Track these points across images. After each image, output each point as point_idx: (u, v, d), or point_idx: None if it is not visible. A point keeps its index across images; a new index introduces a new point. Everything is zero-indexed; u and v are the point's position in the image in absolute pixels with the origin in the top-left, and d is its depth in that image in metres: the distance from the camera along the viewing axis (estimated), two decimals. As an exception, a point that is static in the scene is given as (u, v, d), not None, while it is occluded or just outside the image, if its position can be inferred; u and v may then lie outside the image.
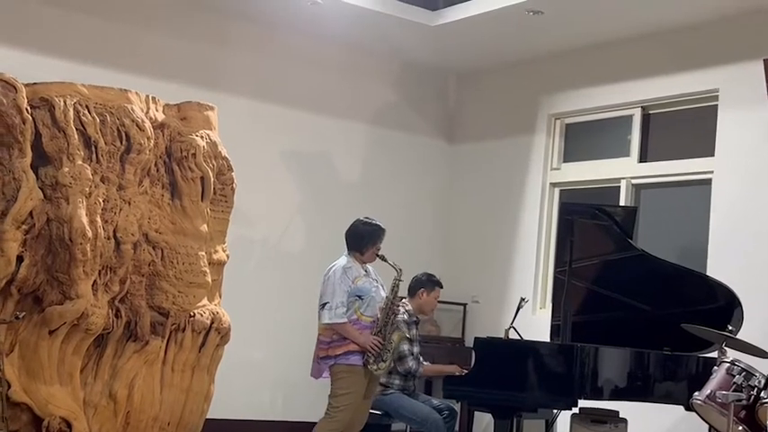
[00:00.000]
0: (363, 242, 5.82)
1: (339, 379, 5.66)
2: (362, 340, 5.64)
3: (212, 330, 6.20)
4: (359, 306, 5.68)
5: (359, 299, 5.69)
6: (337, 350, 5.66)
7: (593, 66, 8.05)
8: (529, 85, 8.58)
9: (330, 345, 5.68)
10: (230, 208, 6.49)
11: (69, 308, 5.66)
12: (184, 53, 7.77)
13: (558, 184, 8.42)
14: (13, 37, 7.07)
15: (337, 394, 5.66)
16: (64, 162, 5.75)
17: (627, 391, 5.74)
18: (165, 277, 6.08)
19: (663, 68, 7.53)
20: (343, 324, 5.62)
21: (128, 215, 5.94)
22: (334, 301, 5.65)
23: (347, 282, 5.69)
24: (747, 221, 6.83)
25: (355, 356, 5.64)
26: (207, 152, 6.27)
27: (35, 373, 5.68)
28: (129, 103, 6.04)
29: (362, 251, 5.82)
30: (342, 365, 5.64)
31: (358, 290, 5.69)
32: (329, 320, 5.62)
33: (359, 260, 5.83)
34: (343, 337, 5.66)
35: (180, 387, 6.12)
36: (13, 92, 5.64)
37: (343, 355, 5.65)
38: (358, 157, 8.73)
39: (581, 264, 6.12)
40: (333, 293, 5.67)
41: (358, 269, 5.78)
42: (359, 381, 5.65)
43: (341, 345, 5.66)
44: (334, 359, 5.66)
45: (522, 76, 8.66)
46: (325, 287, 5.74)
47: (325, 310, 5.66)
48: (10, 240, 5.56)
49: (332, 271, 5.78)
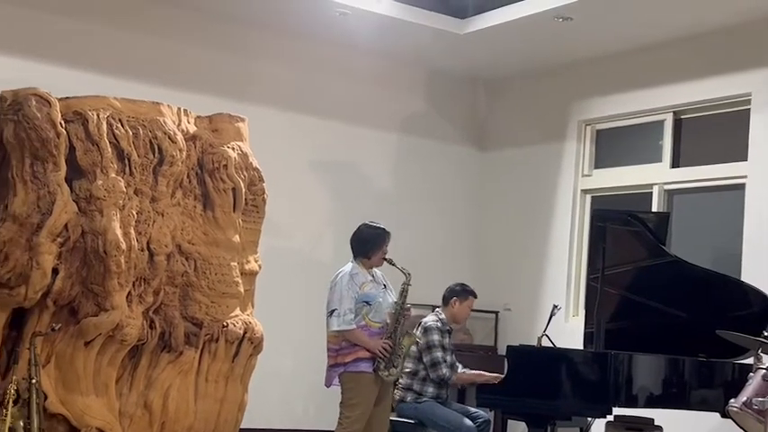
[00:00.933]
0: (369, 247, 5.81)
1: (349, 388, 5.63)
2: (372, 345, 5.62)
3: (245, 340, 6.24)
4: (367, 312, 5.66)
5: (366, 305, 5.67)
6: (346, 357, 5.64)
7: (624, 71, 8.02)
8: (559, 91, 8.57)
9: (339, 352, 5.66)
10: (262, 218, 6.53)
11: (104, 319, 5.71)
12: (215, 65, 7.84)
13: (589, 191, 8.40)
14: (46, 52, 7.17)
15: (348, 403, 5.63)
16: (98, 175, 5.81)
17: (662, 399, 5.71)
18: (198, 288, 6.12)
19: (694, 73, 7.50)
20: (352, 330, 5.60)
21: (161, 227, 5.99)
22: (342, 307, 5.63)
23: (354, 288, 5.67)
24: (782, 226, 6.78)
25: (365, 363, 5.61)
26: (238, 163, 6.32)
27: (71, 384, 5.73)
28: (161, 115, 6.10)
29: (369, 256, 5.81)
30: (351, 373, 5.61)
31: (365, 296, 5.68)
32: (338, 327, 5.61)
33: (366, 265, 5.81)
34: (351, 344, 5.64)
35: (214, 397, 6.16)
36: (48, 106, 5.71)
37: (353, 362, 5.62)
38: (388, 165, 8.75)
39: (614, 270, 6.09)
40: (340, 300, 5.65)
41: (365, 275, 5.77)
42: (369, 389, 5.61)
43: (350, 352, 5.63)
44: (343, 367, 5.63)
45: (551, 82, 8.65)
46: (333, 294, 5.72)
47: (334, 317, 5.63)
48: (45, 253, 5.62)
49: (338, 277, 5.76)
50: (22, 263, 5.60)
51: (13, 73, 6.62)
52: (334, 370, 5.66)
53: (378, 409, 5.70)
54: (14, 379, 5.39)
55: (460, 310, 6.56)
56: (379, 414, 5.72)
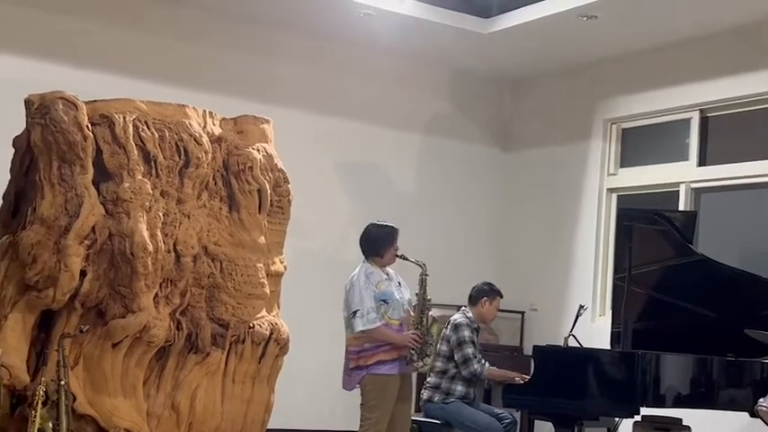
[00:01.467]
0: (380, 245, 5.80)
1: (370, 390, 5.62)
2: (400, 339, 5.61)
3: (271, 341, 6.25)
4: (385, 310, 5.65)
5: (384, 303, 5.66)
6: (369, 360, 5.62)
7: (649, 69, 7.99)
8: (584, 90, 8.54)
9: (360, 354, 5.63)
10: (287, 220, 6.54)
11: (132, 321, 5.74)
12: (240, 67, 7.88)
13: (615, 190, 8.37)
14: (73, 55, 7.23)
15: (369, 405, 5.63)
16: (124, 177, 5.84)
17: (690, 399, 5.69)
18: (225, 289, 6.14)
19: (721, 70, 7.46)
20: (378, 328, 5.59)
21: (187, 228, 6.02)
22: (364, 307, 5.62)
23: (371, 287, 5.67)
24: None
25: (387, 366, 5.61)
26: (263, 165, 6.34)
27: (99, 385, 5.77)
28: (186, 118, 6.13)
29: (382, 254, 5.80)
30: (373, 376, 5.60)
31: (383, 294, 5.68)
32: (363, 327, 5.58)
33: (379, 264, 5.80)
34: (373, 346, 5.60)
35: (241, 398, 6.18)
36: (74, 110, 5.75)
37: (375, 365, 5.61)
38: (412, 166, 8.76)
39: (641, 270, 6.07)
40: (361, 300, 5.63)
41: (379, 274, 5.76)
42: (390, 391, 5.61)
43: (372, 354, 5.62)
44: (365, 369, 5.61)
45: (576, 81, 8.62)
46: (352, 295, 5.69)
47: (357, 317, 5.61)
48: (73, 255, 5.66)
49: (355, 278, 5.75)
50: (50, 265, 5.64)
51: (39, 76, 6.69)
52: (357, 373, 5.65)
53: (399, 406, 5.70)
54: (43, 380, 5.43)
55: (489, 310, 6.56)
56: (401, 411, 5.73)
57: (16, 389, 5.54)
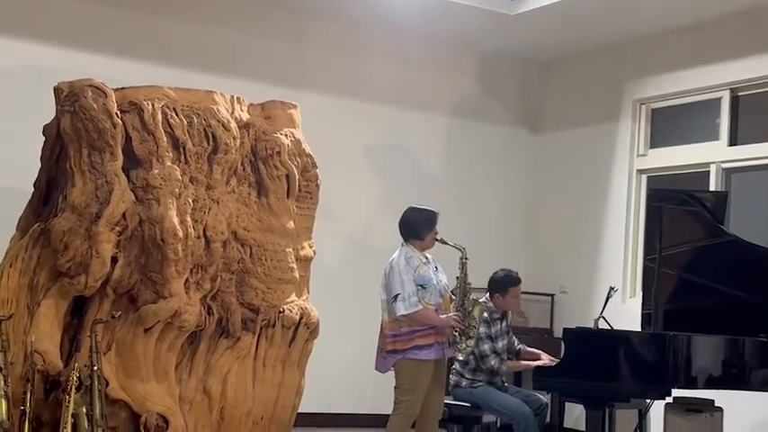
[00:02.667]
0: (420, 229, 5.79)
1: (405, 374, 5.62)
2: (443, 321, 5.60)
3: (301, 325, 6.28)
4: (422, 295, 5.65)
5: (422, 288, 5.65)
6: (405, 345, 5.61)
7: (679, 49, 7.92)
8: (612, 70, 8.48)
9: (396, 339, 5.62)
10: (315, 204, 6.56)
11: (163, 306, 5.78)
12: (267, 53, 7.89)
13: (645, 171, 8.32)
14: (101, 43, 7.27)
15: (403, 388, 5.63)
16: (154, 164, 5.87)
17: (722, 380, 5.65)
18: (255, 274, 6.17)
19: (751, 49, 7.38)
20: (420, 311, 5.59)
21: (216, 214, 6.05)
22: (405, 291, 5.61)
23: (411, 271, 5.66)
24: None
25: (424, 351, 5.60)
26: (291, 150, 6.35)
27: (132, 370, 5.81)
28: (214, 104, 6.15)
29: (422, 238, 5.79)
30: (409, 360, 5.61)
31: (421, 278, 5.67)
32: (406, 311, 5.57)
33: (418, 247, 5.79)
34: (410, 331, 5.59)
35: (272, 382, 6.21)
36: (103, 97, 5.78)
37: (411, 349, 5.61)
38: (441, 149, 8.74)
39: (671, 251, 6.04)
40: (402, 284, 5.62)
41: (418, 257, 5.75)
42: (425, 375, 5.61)
43: (409, 339, 5.61)
44: (402, 353, 5.61)
45: (605, 61, 8.56)
46: (392, 279, 5.68)
47: (399, 301, 5.60)
48: (104, 242, 5.70)
49: (394, 262, 5.74)
50: (82, 252, 5.68)
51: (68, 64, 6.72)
52: (393, 356, 5.66)
53: (433, 390, 5.71)
54: (77, 366, 5.48)
55: (506, 301, 6.50)
56: (434, 396, 5.73)
57: (50, 374, 5.60)
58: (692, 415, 6.13)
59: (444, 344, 5.66)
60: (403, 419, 5.61)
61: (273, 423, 6.24)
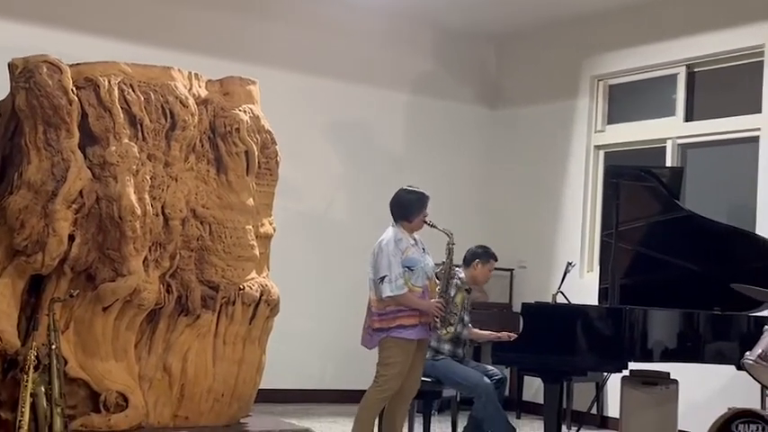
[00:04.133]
0: (410, 211, 5.81)
1: (388, 349, 5.68)
2: (426, 306, 5.64)
3: (262, 303, 6.28)
4: (409, 277, 5.67)
5: (409, 270, 5.68)
6: (390, 323, 5.65)
7: (636, 25, 7.97)
8: (570, 47, 8.52)
9: (382, 317, 5.66)
10: (275, 181, 6.54)
11: (122, 284, 5.75)
12: (225, 28, 7.83)
13: (602, 147, 8.38)
14: (57, 18, 7.17)
15: (385, 362, 5.68)
16: (111, 141, 5.82)
17: (677, 353, 5.73)
18: (214, 252, 6.15)
19: (707, 25, 7.45)
20: (405, 294, 5.62)
21: (175, 191, 6.01)
22: (393, 273, 5.62)
23: (399, 253, 5.69)
24: (797, 178, 6.77)
25: (408, 330, 5.64)
26: (250, 126, 6.32)
27: (91, 349, 5.79)
28: (172, 80, 6.10)
29: (411, 219, 5.81)
30: (394, 338, 5.65)
31: (408, 260, 5.69)
32: (392, 293, 5.59)
33: (407, 229, 5.81)
34: (396, 310, 5.64)
35: (232, 359, 6.21)
36: (59, 73, 5.71)
37: (396, 328, 5.65)
38: (399, 126, 8.75)
39: (628, 226, 6.10)
40: (389, 266, 5.63)
41: (407, 239, 5.78)
42: (408, 353, 5.67)
43: (394, 317, 5.64)
44: (386, 332, 5.66)
45: (562, 38, 8.60)
46: (380, 260, 5.69)
47: (386, 283, 5.62)
48: (61, 220, 5.65)
49: (384, 243, 5.75)
50: (39, 230, 5.63)
51: (22, 40, 6.63)
52: (378, 334, 5.68)
53: (413, 367, 5.75)
54: (34, 345, 5.45)
55: (482, 272, 6.57)
56: (412, 373, 5.77)
57: (7, 354, 5.55)
58: (647, 387, 6.21)
59: (427, 325, 5.70)
60: (381, 394, 5.66)
61: (234, 399, 6.25)
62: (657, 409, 6.18)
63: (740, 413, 4.50)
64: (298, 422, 6.63)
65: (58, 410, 5.31)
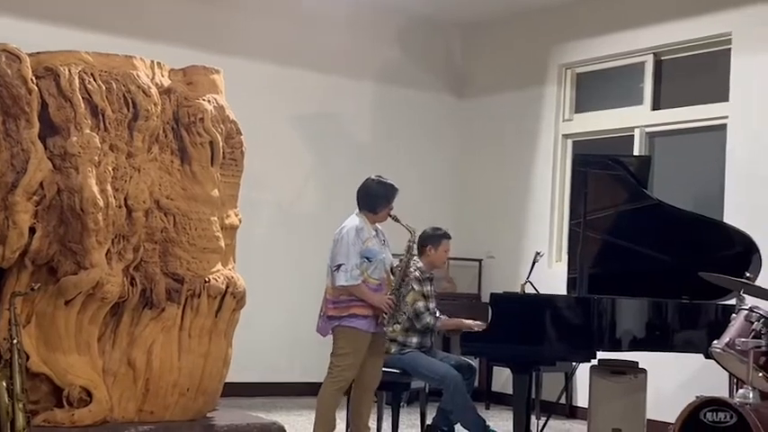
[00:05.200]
0: (377, 202, 5.79)
1: (340, 339, 5.67)
2: (377, 300, 5.64)
3: (228, 295, 6.24)
4: (366, 268, 5.65)
5: (367, 261, 5.66)
6: (343, 312, 5.64)
7: (604, 13, 8.00)
8: (538, 35, 8.54)
9: (335, 305, 5.66)
10: (240, 172, 6.50)
11: (84, 277, 5.70)
12: (188, 16, 7.77)
13: (570, 136, 8.41)
14: (16, 6, 7.07)
15: (338, 353, 5.67)
16: (72, 131, 5.76)
17: (646, 342, 5.77)
18: (179, 244, 6.11)
19: (674, 13, 7.48)
20: (359, 285, 5.62)
21: (138, 183, 5.96)
22: (350, 263, 5.62)
23: (359, 243, 5.67)
24: (763, 165, 6.81)
25: (359, 320, 5.63)
26: (214, 116, 6.27)
27: (53, 343, 5.74)
28: (134, 69, 6.04)
29: (376, 211, 5.79)
30: (345, 328, 5.64)
31: (368, 252, 5.67)
32: (345, 283, 5.60)
33: (371, 220, 5.79)
34: (349, 299, 5.62)
35: (198, 352, 6.17)
36: (18, 62, 5.65)
37: (347, 317, 5.64)
38: (367, 115, 8.73)
39: (596, 215, 6.13)
40: (347, 255, 5.63)
41: (369, 230, 5.75)
42: (360, 342, 5.64)
43: (347, 306, 5.64)
44: (339, 320, 5.65)
45: (530, 26, 8.61)
46: (339, 248, 5.69)
47: (341, 272, 5.62)
48: (21, 212, 5.59)
49: (345, 231, 5.74)
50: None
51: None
52: (331, 322, 5.69)
53: (372, 359, 5.74)
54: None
55: (437, 256, 6.52)
56: (372, 363, 5.77)
57: (-33, 349, 5.50)
58: (616, 377, 6.25)
59: (376, 319, 5.67)
60: (336, 384, 5.64)
61: (200, 393, 6.21)
62: (626, 398, 6.21)
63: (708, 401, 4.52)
64: (266, 415, 6.61)
65: (20, 406, 5.26)
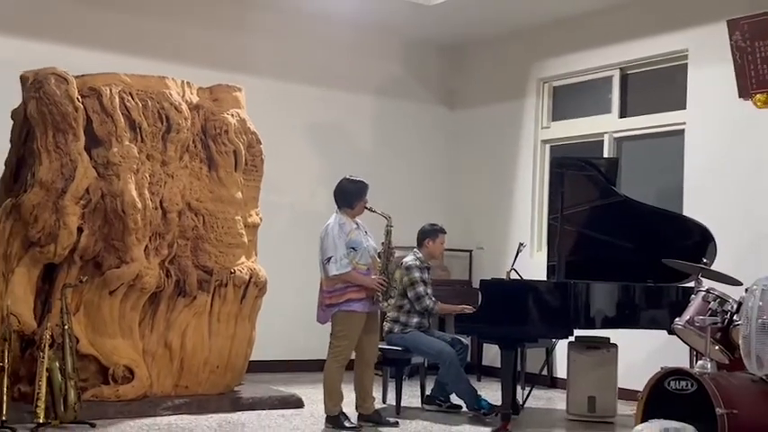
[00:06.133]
0: (352, 198, 5.74)
1: (339, 322, 5.64)
2: (369, 282, 5.61)
3: (251, 284, 6.30)
4: (354, 257, 5.63)
5: (353, 250, 5.63)
6: (340, 298, 5.60)
7: (576, 34, 8.01)
8: (519, 53, 8.55)
9: (332, 294, 5.61)
10: (260, 176, 6.55)
11: (126, 271, 5.76)
12: (213, 42, 7.79)
13: (548, 141, 8.42)
14: (63, 35, 7.11)
15: (338, 335, 5.64)
16: (113, 143, 5.82)
17: (616, 320, 5.76)
18: (208, 240, 6.16)
19: (638, 33, 7.49)
20: (350, 272, 5.58)
21: (171, 187, 6.02)
22: (338, 253, 5.58)
23: (343, 236, 5.64)
24: (717, 165, 6.84)
25: (355, 304, 5.62)
26: (237, 128, 6.33)
27: (99, 328, 5.79)
28: (167, 88, 6.09)
29: (353, 206, 5.74)
30: (344, 312, 5.62)
31: (352, 242, 5.64)
32: (337, 272, 5.55)
33: (349, 215, 5.74)
34: (344, 287, 5.59)
35: (225, 334, 6.23)
36: (66, 84, 5.70)
37: (345, 302, 5.61)
38: (368, 125, 8.75)
39: (571, 210, 6.12)
40: (335, 248, 5.58)
41: (350, 224, 5.71)
42: (357, 324, 5.63)
43: (342, 293, 5.60)
44: (337, 306, 5.62)
45: (512, 45, 8.62)
46: (327, 243, 5.62)
47: (332, 263, 5.57)
48: (70, 214, 5.65)
49: (329, 228, 5.67)
50: (51, 224, 5.63)
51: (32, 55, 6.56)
52: (330, 309, 5.65)
53: (368, 336, 5.73)
54: (49, 326, 5.44)
55: (434, 248, 6.52)
56: (369, 341, 5.76)
57: (25, 334, 5.55)
58: (591, 351, 6.27)
59: (371, 298, 5.68)
60: (337, 362, 5.65)
61: (228, 370, 6.27)
62: (600, 369, 6.25)
63: (672, 371, 4.56)
64: (285, 389, 6.64)
65: (71, 383, 5.31)
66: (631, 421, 4.70)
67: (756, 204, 6.57)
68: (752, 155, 6.63)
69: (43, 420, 5.17)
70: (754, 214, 6.55)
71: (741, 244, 6.46)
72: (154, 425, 5.47)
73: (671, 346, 6.02)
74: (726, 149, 6.80)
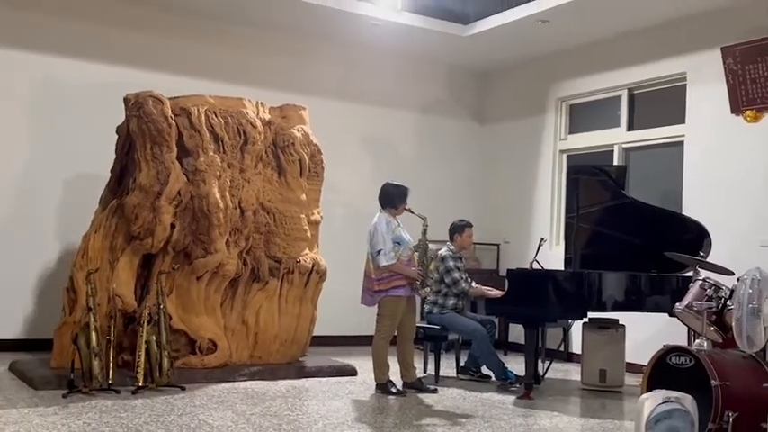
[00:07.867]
0: (396, 200, 5.71)
1: (386, 305, 5.61)
2: (410, 272, 5.59)
3: (313, 272, 6.31)
4: (398, 250, 5.62)
5: (398, 244, 5.62)
6: (387, 285, 5.57)
7: (589, 59, 7.92)
8: (541, 76, 8.47)
9: (380, 281, 5.58)
10: (321, 181, 6.56)
11: (210, 260, 5.80)
12: (282, 68, 7.84)
13: (565, 151, 8.33)
14: (159, 64, 7.21)
15: (385, 315, 5.63)
16: (200, 154, 5.87)
17: (624, 304, 5.70)
18: (277, 234, 6.19)
19: (643, 58, 7.38)
20: (396, 263, 5.58)
21: (248, 190, 6.06)
22: (386, 247, 5.56)
23: (390, 232, 5.62)
24: (712, 171, 6.72)
25: (399, 290, 5.60)
26: (302, 141, 6.35)
27: (189, 308, 5.85)
28: (244, 108, 6.13)
29: (396, 207, 5.72)
30: (391, 296, 5.61)
31: (397, 237, 5.62)
32: (386, 263, 5.53)
33: (392, 214, 5.73)
34: (389, 276, 5.56)
35: (292, 314, 6.25)
36: (161, 104, 5.76)
37: (392, 288, 5.60)
38: (412, 138, 8.73)
39: (586, 210, 6.08)
40: (384, 241, 5.56)
41: (394, 222, 5.69)
42: (401, 306, 5.61)
43: (389, 281, 5.58)
44: (385, 292, 5.60)
45: (535, 70, 8.55)
46: (376, 237, 5.60)
47: (381, 255, 5.55)
48: (165, 213, 5.71)
49: (378, 224, 5.61)
50: (149, 221, 5.69)
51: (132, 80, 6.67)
52: (378, 295, 5.64)
53: (408, 316, 5.72)
54: (147, 305, 5.51)
55: (464, 240, 6.46)
56: (408, 319, 5.74)
57: (127, 312, 5.63)
58: (602, 330, 6.20)
59: (410, 286, 5.66)
60: (383, 339, 5.64)
61: (294, 343, 6.30)
62: (610, 346, 6.17)
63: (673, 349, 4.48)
64: (341, 360, 6.66)
65: (165, 353, 5.37)
66: (638, 391, 4.62)
67: (746, 205, 6.43)
68: (742, 163, 6.50)
69: (142, 384, 5.25)
70: (745, 214, 6.41)
71: (733, 239, 6.32)
72: (233, 388, 5.52)
73: (672, 327, 5.93)
74: (719, 158, 6.67)
